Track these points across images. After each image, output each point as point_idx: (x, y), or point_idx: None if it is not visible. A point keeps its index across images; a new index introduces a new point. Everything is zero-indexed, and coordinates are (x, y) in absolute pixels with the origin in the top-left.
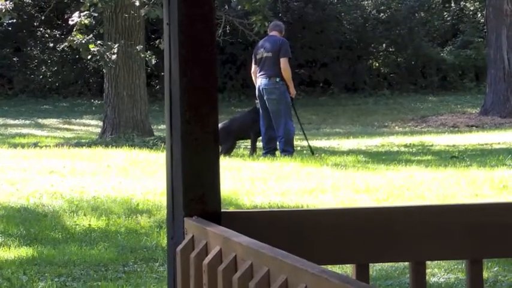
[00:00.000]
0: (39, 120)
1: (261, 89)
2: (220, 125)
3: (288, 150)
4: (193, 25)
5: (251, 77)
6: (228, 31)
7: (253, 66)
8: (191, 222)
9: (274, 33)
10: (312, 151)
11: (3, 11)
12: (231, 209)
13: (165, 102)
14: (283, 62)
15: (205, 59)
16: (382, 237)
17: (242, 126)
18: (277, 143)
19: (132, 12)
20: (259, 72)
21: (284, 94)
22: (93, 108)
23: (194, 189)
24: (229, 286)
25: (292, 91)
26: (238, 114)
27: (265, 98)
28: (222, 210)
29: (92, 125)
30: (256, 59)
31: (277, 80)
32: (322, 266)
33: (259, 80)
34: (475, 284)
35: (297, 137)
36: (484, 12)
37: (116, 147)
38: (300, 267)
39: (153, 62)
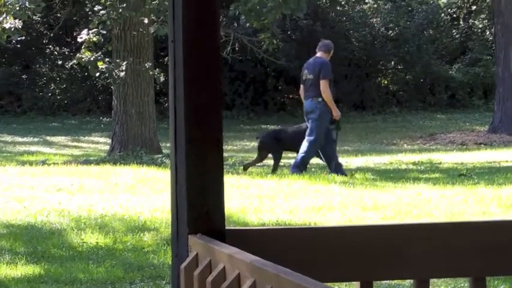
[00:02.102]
0: (48, 138)
1: (304, 110)
2: (268, 133)
3: (298, 168)
4: (199, 43)
5: (259, 94)
6: (236, 48)
7: (301, 86)
8: (195, 240)
9: (319, 54)
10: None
11: (13, 29)
12: (236, 227)
13: (169, 120)
14: (322, 84)
15: (210, 77)
16: (387, 255)
17: (293, 139)
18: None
19: (141, 29)
20: (304, 93)
21: (323, 114)
22: (102, 125)
23: (198, 206)
24: None
25: (335, 113)
26: (290, 126)
27: (307, 117)
28: (226, 227)
29: (101, 143)
30: (302, 79)
31: (319, 100)
32: (327, 283)
33: (305, 101)
34: None
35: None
36: (492, 30)
37: (124, 164)
38: (303, 285)
39: (162, 79)
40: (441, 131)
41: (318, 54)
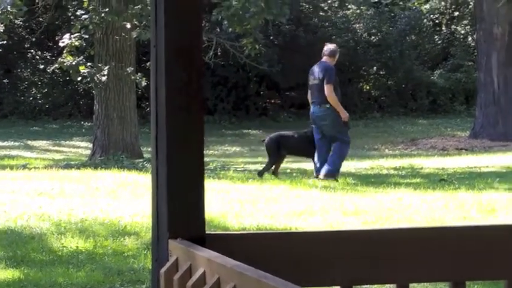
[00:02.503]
0: (29, 142)
1: (313, 116)
2: (272, 136)
3: (333, 173)
4: (181, 48)
5: (242, 99)
6: (219, 53)
7: (309, 91)
8: (175, 244)
9: (325, 58)
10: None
11: None
12: (216, 231)
13: (151, 125)
14: (327, 89)
15: (192, 82)
16: (368, 260)
17: (299, 144)
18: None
19: (123, 34)
20: (311, 99)
21: (336, 119)
22: (83, 130)
23: (179, 211)
24: None
25: (343, 115)
26: (295, 132)
27: (319, 125)
28: (206, 232)
29: (82, 147)
30: (309, 85)
31: (327, 106)
32: None
33: (312, 107)
34: None
35: (286, 160)
36: (474, 36)
37: (105, 169)
38: None
39: (144, 84)
40: (422, 136)
41: (323, 59)
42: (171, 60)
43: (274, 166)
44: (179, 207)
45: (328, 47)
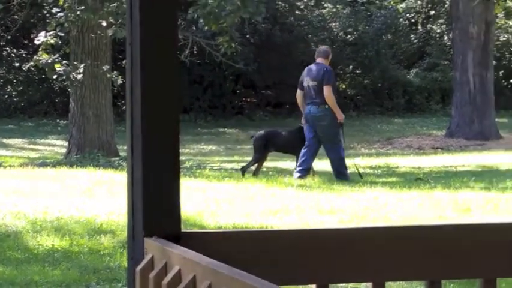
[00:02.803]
0: (4, 140)
1: (310, 116)
2: (261, 133)
3: (344, 173)
4: (156, 46)
5: (227, 100)
6: (195, 52)
7: (298, 91)
8: (151, 242)
9: (320, 60)
10: (360, 175)
11: None
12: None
13: (126, 123)
14: (326, 90)
15: (167, 80)
16: (343, 258)
17: (287, 141)
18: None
19: (99, 32)
20: (307, 99)
21: (333, 120)
22: (59, 128)
23: (154, 209)
24: None
25: (339, 116)
26: (283, 129)
27: (316, 125)
28: (182, 230)
29: (57, 145)
30: (303, 85)
31: (326, 107)
32: (283, 286)
33: (308, 108)
34: None
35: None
36: (450, 35)
37: (81, 167)
38: None
39: (119, 82)
40: (398, 135)
41: (318, 60)
42: (146, 58)
43: (257, 164)
44: (155, 206)
45: (322, 48)
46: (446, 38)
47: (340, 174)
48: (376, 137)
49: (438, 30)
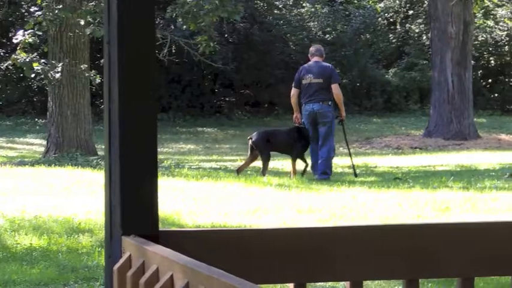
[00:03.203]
0: None
1: (312, 113)
2: (260, 133)
3: (328, 173)
4: (134, 44)
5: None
6: (173, 51)
7: (293, 89)
8: (129, 241)
9: (317, 58)
10: (355, 173)
11: None
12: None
13: (104, 122)
14: (336, 88)
15: (145, 79)
16: (321, 257)
17: (284, 141)
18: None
19: (77, 31)
20: (308, 97)
21: (334, 117)
22: (37, 127)
23: (132, 208)
24: None
25: (344, 113)
26: (279, 129)
27: (318, 121)
28: (160, 229)
29: (36, 144)
30: (302, 84)
31: (329, 103)
32: (262, 285)
33: (310, 105)
34: None
35: (241, 158)
36: (429, 35)
37: (59, 166)
38: (236, 286)
39: (98, 81)
40: (377, 135)
41: (315, 59)
42: (124, 57)
43: (244, 162)
44: (132, 204)
45: (316, 47)
46: (424, 37)
47: (324, 174)
48: (355, 137)
49: (417, 30)
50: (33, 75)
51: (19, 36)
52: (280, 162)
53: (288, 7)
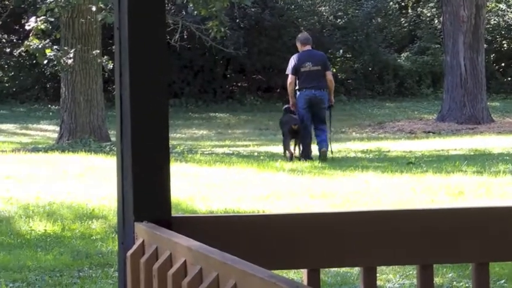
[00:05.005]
0: None
1: (313, 98)
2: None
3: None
4: (144, 29)
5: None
6: (185, 37)
7: (291, 77)
8: (141, 227)
9: (309, 47)
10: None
11: None
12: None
13: (115, 107)
14: (330, 75)
15: (156, 64)
16: (334, 242)
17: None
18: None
19: (89, 17)
20: (307, 83)
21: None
22: (50, 113)
23: (144, 194)
24: None
25: (333, 99)
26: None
27: (316, 106)
28: (173, 215)
29: (49, 130)
30: (300, 71)
31: (326, 90)
32: (275, 270)
33: (312, 91)
34: None
35: (254, 143)
36: (441, 19)
37: (73, 152)
38: (249, 272)
39: (110, 67)
40: (390, 120)
41: (307, 47)
42: (134, 42)
43: (290, 147)
44: (144, 190)
45: (306, 36)
46: (436, 21)
47: (325, 153)
48: (367, 121)
49: (428, 14)
50: (45, 62)
51: (31, 23)
52: (292, 148)
53: None
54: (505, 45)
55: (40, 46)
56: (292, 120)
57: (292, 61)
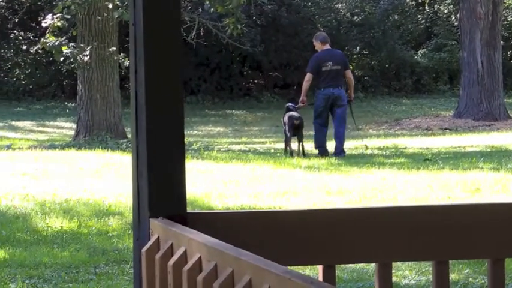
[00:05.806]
0: (13, 123)
1: (333, 97)
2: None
3: (343, 150)
4: (159, 26)
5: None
6: (201, 34)
7: (310, 75)
8: (157, 223)
9: (328, 46)
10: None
11: None
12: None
13: (131, 104)
14: (350, 73)
15: (171, 61)
16: (351, 239)
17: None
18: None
19: (105, 14)
20: (328, 82)
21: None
22: (67, 110)
23: (160, 190)
24: (194, 287)
25: (352, 95)
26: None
27: (336, 104)
28: (188, 211)
29: (66, 128)
30: (322, 70)
31: (344, 88)
32: (290, 267)
33: (330, 89)
34: (440, 285)
35: (271, 140)
36: (457, 15)
37: (89, 149)
38: (263, 268)
39: (127, 64)
40: (406, 116)
41: (327, 46)
42: (149, 39)
43: (290, 143)
44: (160, 186)
45: (325, 35)
46: (453, 18)
47: (342, 151)
48: (384, 118)
49: (445, 11)
50: (62, 59)
51: (48, 20)
52: (309, 144)
53: None
54: None
55: (56, 43)
56: (293, 116)
57: (314, 60)
